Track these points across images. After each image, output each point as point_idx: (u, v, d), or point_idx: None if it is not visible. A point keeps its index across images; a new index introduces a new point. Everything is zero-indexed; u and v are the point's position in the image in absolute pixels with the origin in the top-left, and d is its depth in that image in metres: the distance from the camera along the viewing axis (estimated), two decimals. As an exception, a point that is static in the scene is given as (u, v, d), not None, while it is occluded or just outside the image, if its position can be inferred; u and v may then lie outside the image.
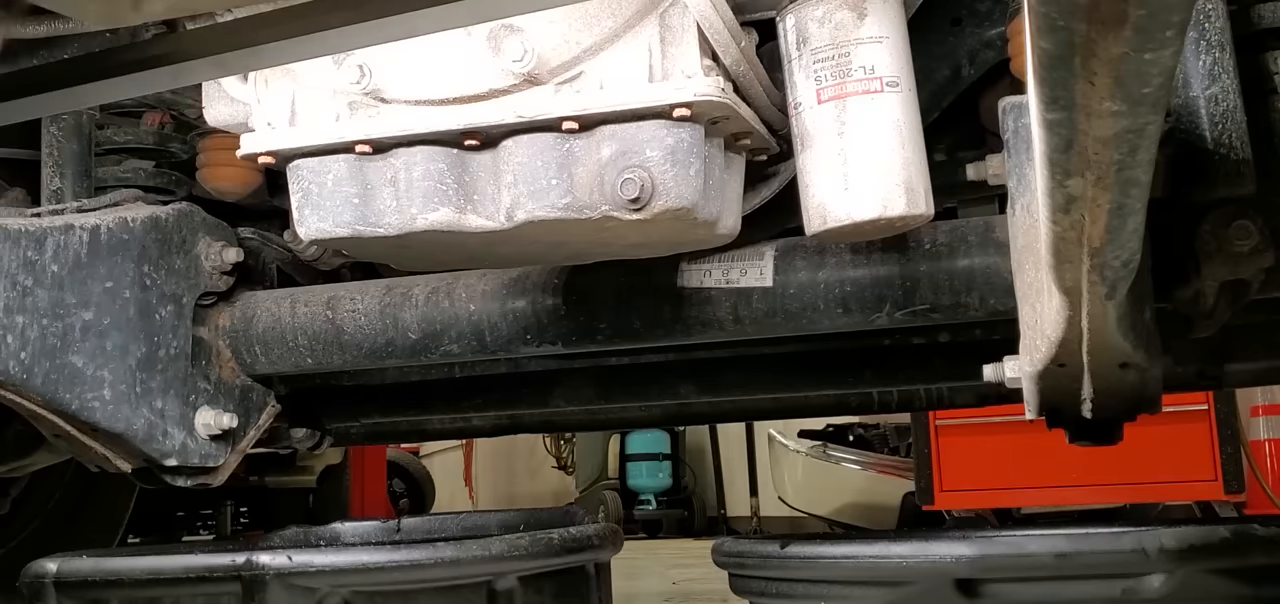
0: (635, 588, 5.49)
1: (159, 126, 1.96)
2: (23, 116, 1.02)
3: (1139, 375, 1.24)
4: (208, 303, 1.89)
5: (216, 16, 1.21)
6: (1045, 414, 1.40)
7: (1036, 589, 2.39)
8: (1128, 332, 1.11)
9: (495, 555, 2.58)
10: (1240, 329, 1.81)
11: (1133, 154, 0.73)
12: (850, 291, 1.59)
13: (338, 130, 1.39)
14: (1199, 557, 2.30)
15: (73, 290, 1.71)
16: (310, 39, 0.90)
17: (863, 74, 1.30)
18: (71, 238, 1.73)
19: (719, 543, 2.97)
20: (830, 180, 1.32)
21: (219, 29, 0.95)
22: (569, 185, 1.33)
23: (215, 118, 1.55)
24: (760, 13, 1.41)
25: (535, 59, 1.28)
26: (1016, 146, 1.31)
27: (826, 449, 6.45)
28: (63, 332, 1.70)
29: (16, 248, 1.67)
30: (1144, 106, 0.66)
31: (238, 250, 1.90)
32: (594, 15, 1.28)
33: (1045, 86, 0.67)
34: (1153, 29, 0.57)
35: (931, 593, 2.44)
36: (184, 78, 0.95)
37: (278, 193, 2.00)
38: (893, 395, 2.33)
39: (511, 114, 1.32)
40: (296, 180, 1.43)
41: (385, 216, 1.40)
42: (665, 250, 1.55)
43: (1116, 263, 0.92)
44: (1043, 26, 0.60)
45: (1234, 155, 1.23)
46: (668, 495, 9.25)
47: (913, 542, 2.60)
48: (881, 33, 1.31)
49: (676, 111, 1.28)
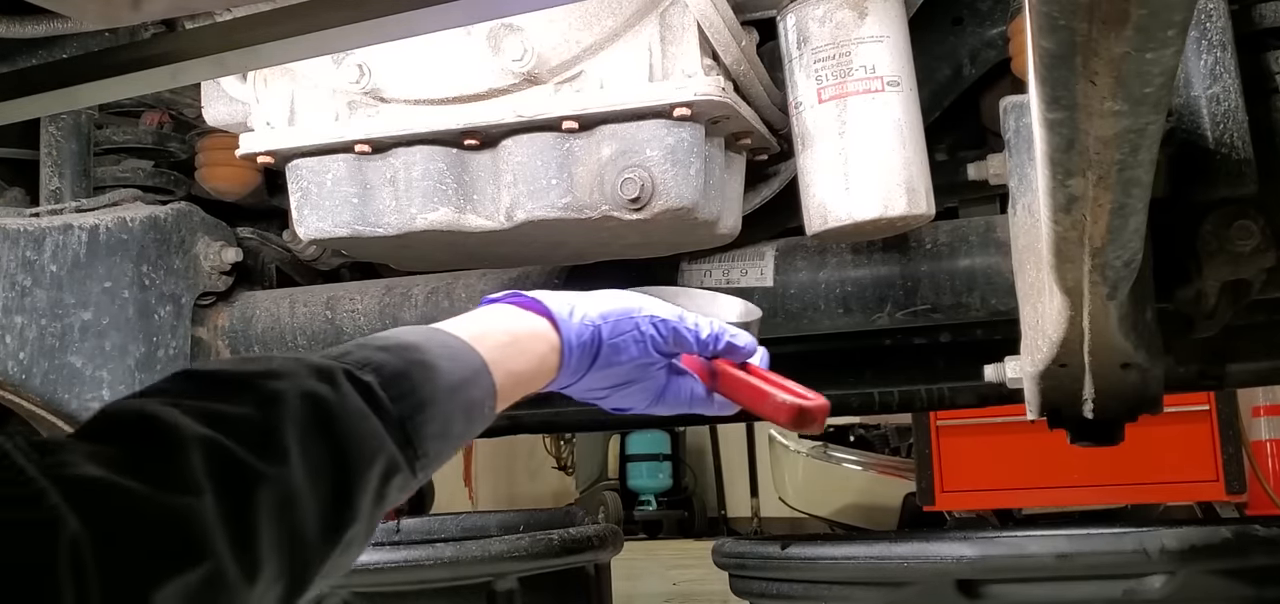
0: (635, 589, 5.49)
1: (158, 126, 1.95)
2: (21, 116, 1.01)
3: (1140, 375, 1.24)
4: (207, 303, 1.89)
5: (215, 16, 1.21)
6: (1047, 414, 1.40)
7: (1038, 590, 2.39)
8: (1129, 331, 1.10)
9: (495, 556, 2.58)
10: (1242, 329, 1.81)
11: (1134, 154, 0.73)
12: (851, 291, 1.59)
13: (337, 130, 1.39)
14: (1200, 557, 2.30)
15: (71, 290, 1.71)
16: (309, 38, 0.89)
17: (864, 73, 1.29)
18: (70, 238, 1.73)
19: (719, 544, 2.97)
20: (831, 180, 1.31)
21: (218, 28, 0.95)
22: (569, 185, 1.32)
23: (214, 117, 1.55)
24: (761, 12, 1.40)
25: (535, 58, 1.28)
26: (1018, 146, 1.31)
27: (827, 450, 6.45)
28: (61, 332, 1.69)
29: (15, 248, 1.67)
30: (1145, 106, 0.66)
31: (237, 250, 1.89)
32: (594, 14, 1.28)
33: (1047, 86, 0.66)
34: (1154, 28, 0.57)
35: (933, 594, 2.44)
36: (183, 77, 0.95)
37: (277, 192, 2.00)
38: (893, 395, 2.33)
39: (511, 113, 1.32)
40: (295, 180, 1.43)
41: (384, 216, 1.40)
42: (665, 250, 1.55)
43: (1118, 263, 0.92)
44: (1044, 26, 0.60)
45: (1235, 155, 1.22)
46: (668, 496, 9.24)
47: (914, 542, 2.60)
48: (882, 32, 1.30)
49: (677, 111, 1.28)
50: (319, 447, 0.75)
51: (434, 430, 0.85)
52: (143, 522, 0.63)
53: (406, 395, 0.84)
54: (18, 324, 1.64)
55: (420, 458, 0.84)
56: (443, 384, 0.87)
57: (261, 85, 1.44)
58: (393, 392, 0.83)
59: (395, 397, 0.83)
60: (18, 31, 1.62)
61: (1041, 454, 4.36)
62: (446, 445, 0.87)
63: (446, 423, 0.87)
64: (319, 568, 0.75)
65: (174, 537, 0.64)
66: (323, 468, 0.75)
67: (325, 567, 0.76)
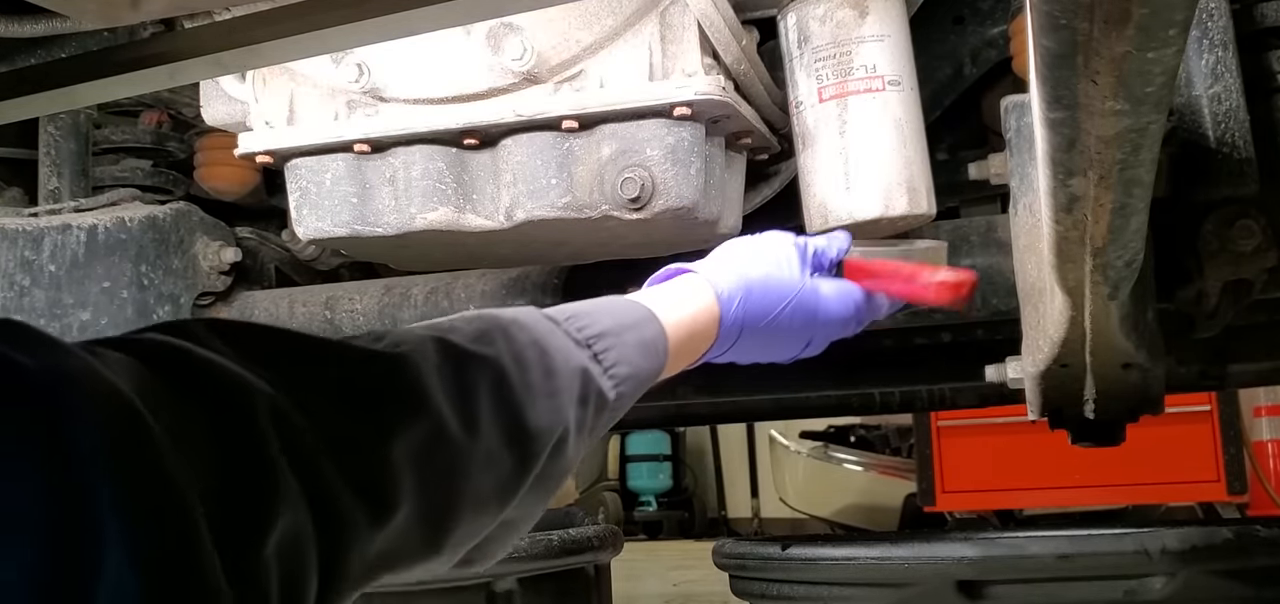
0: (635, 590, 5.49)
1: (156, 126, 1.95)
2: (20, 116, 1.01)
3: (1142, 376, 1.24)
4: (205, 303, 1.89)
5: (214, 15, 1.21)
6: (1048, 415, 1.39)
7: (1039, 591, 2.39)
8: (1130, 332, 1.10)
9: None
10: (1243, 329, 1.81)
11: (1135, 153, 0.72)
12: (851, 292, 1.58)
13: (336, 129, 1.38)
14: (1202, 558, 2.30)
15: (70, 290, 1.71)
16: (308, 38, 0.89)
17: (864, 72, 1.29)
18: (69, 238, 1.73)
19: (720, 544, 2.98)
20: (832, 179, 1.31)
21: (217, 27, 0.95)
22: (569, 185, 1.32)
23: (213, 117, 1.54)
24: (761, 11, 1.40)
25: (535, 57, 1.28)
26: (1019, 146, 1.30)
27: (828, 450, 6.44)
28: (60, 332, 1.69)
29: (14, 247, 1.66)
30: (1147, 106, 0.66)
31: (236, 250, 1.89)
32: (594, 13, 1.28)
33: (1048, 85, 0.66)
34: (1156, 28, 0.56)
35: (933, 594, 2.44)
36: (181, 77, 0.95)
37: (276, 192, 1.99)
38: (894, 396, 2.33)
39: (511, 113, 1.32)
40: (294, 179, 1.42)
41: (384, 216, 1.39)
42: (665, 250, 1.55)
43: (1119, 263, 0.92)
44: (1045, 25, 0.59)
45: (1237, 155, 1.22)
46: (668, 497, 9.24)
47: (915, 543, 2.60)
48: (883, 31, 1.30)
49: (677, 110, 1.28)
50: (524, 343, 0.78)
51: (616, 356, 0.87)
52: (369, 375, 0.66)
53: (583, 326, 0.86)
54: (16, 324, 1.64)
55: (609, 372, 0.85)
56: (611, 323, 0.90)
57: (260, 85, 1.43)
58: (569, 325, 0.86)
59: (572, 328, 0.85)
60: (16, 31, 1.62)
61: (1042, 455, 4.36)
62: (631, 377, 0.89)
63: (626, 352, 0.88)
64: (538, 455, 0.77)
65: (400, 387, 0.67)
66: (528, 360, 0.78)
67: (543, 462, 0.78)
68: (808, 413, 3.25)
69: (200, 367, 0.57)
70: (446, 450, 0.68)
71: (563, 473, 0.82)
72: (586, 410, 0.82)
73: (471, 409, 0.70)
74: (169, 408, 0.52)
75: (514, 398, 0.74)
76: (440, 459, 0.67)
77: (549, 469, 0.79)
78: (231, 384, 0.57)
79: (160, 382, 0.54)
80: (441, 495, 0.68)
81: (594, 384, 0.83)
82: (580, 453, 0.84)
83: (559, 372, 0.79)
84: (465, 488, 0.71)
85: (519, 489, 0.76)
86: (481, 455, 0.71)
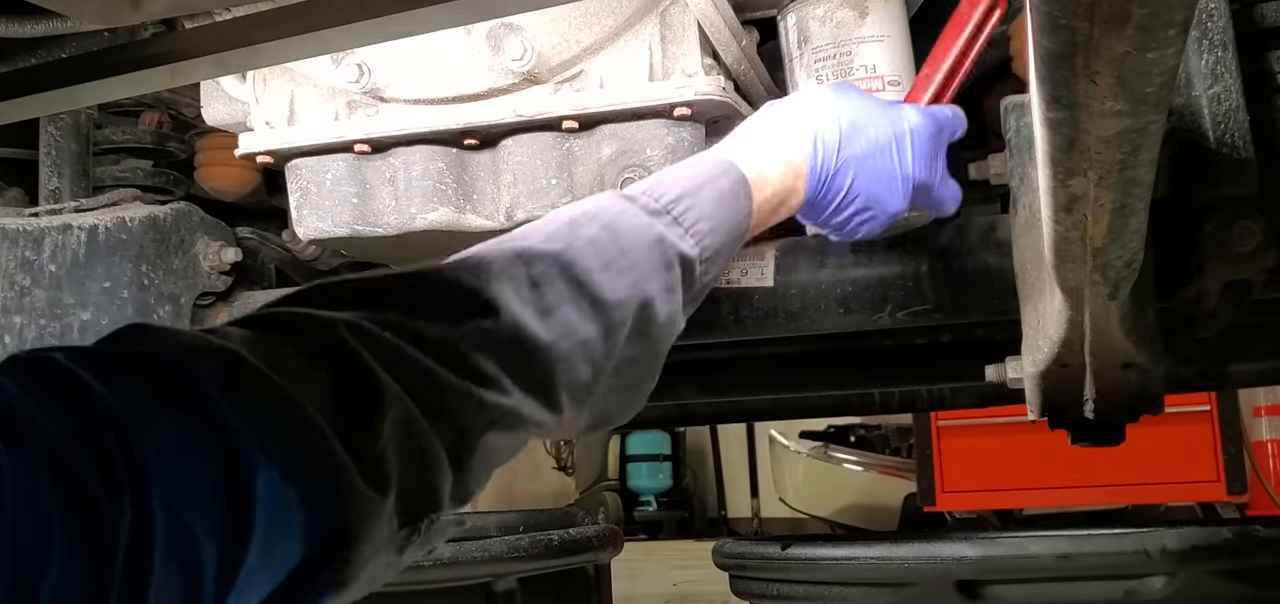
0: (635, 590, 5.48)
1: (157, 126, 1.95)
2: (20, 116, 1.02)
3: (1141, 376, 1.24)
4: (206, 303, 1.88)
5: (215, 15, 1.21)
6: (1047, 415, 1.39)
7: (1039, 590, 2.39)
8: (1130, 332, 1.10)
9: (495, 557, 2.58)
10: (1243, 329, 1.80)
11: (1135, 154, 0.72)
12: (852, 291, 1.58)
13: (336, 130, 1.39)
14: (1201, 558, 2.30)
15: (70, 290, 1.71)
16: (309, 38, 0.89)
17: (864, 73, 1.29)
18: (69, 238, 1.73)
19: (720, 544, 2.98)
20: (831, 180, 1.31)
21: (217, 28, 0.95)
22: (569, 185, 1.32)
23: (214, 117, 1.55)
24: (761, 11, 1.40)
25: (535, 58, 1.28)
26: (1018, 146, 1.30)
27: (828, 450, 6.43)
28: (60, 332, 1.69)
29: (14, 248, 1.66)
30: (1146, 106, 0.66)
31: (236, 250, 1.89)
32: (594, 13, 1.28)
33: (1047, 86, 0.66)
34: (1155, 28, 0.57)
35: (934, 594, 2.44)
36: (182, 77, 0.95)
37: (276, 192, 1.99)
38: (894, 396, 2.32)
39: (511, 113, 1.32)
40: (295, 180, 1.42)
41: (384, 216, 1.40)
42: (665, 250, 1.55)
43: (1119, 263, 0.92)
44: (1045, 25, 0.59)
45: (1236, 155, 1.22)
46: (668, 497, 9.22)
47: (915, 543, 2.60)
48: (883, 31, 1.30)
49: (677, 111, 1.28)
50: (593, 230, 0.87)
51: (695, 215, 0.92)
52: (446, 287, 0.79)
53: (660, 196, 0.92)
54: (16, 324, 1.64)
55: (692, 231, 0.91)
56: (687, 183, 0.95)
57: (261, 85, 1.44)
58: (644, 198, 0.92)
59: (648, 200, 0.92)
60: (17, 31, 1.62)
61: (1042, 455, 4.35)
62: (714, 231, 0.94)
63: (704, 208, 0.93)
64: (622, 322, 0.85)
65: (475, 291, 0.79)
66: (599, 241, 0.86)
67: (631, 326, 0.86)
68: (808, 413, 3.25)
69: (296, 320, 0.71)
70: (525, 338, 0.79)
71: (664, 333, 0.89)
72: (671, 273, 0.89)
73: (545, 298, 0.81)
74: (273, 353, 0.66)
75: (587, 278, 0.84)
76: (526, 343, 0.79)
77: (643, 331, 0.87)
78: (321, 323, 0.70)
79: (268, 338, 0.68)
80: (534, 371, 0.80)
81: (674, 248, 0.89)
82: (682, 311, 0.91)
83: (631, 246, 0.87)
84: (554, 363, 0.81)
85: (611, 354, 0.85)
86: (560, 333, 0.81)
